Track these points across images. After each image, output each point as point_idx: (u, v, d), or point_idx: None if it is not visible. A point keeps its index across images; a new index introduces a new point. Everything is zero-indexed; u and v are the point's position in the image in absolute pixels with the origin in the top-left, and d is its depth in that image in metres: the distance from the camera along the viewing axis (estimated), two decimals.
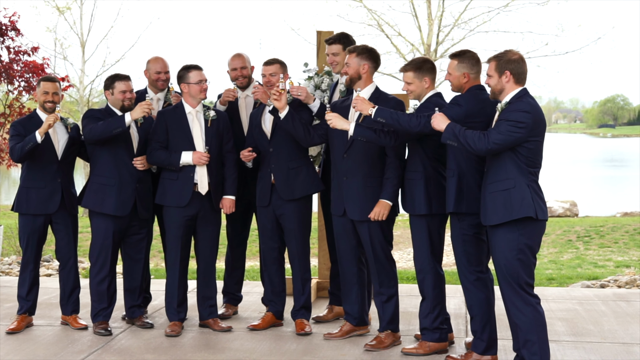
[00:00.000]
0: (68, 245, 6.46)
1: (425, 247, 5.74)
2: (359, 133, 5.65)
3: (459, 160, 5.47)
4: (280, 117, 6.05)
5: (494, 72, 5.16)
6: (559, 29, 25.84)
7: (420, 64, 5.73)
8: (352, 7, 22.44)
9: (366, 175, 5.88)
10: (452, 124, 5.19)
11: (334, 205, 6.09)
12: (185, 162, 6.18)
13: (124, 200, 6.24)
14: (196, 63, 6.37)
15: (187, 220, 6.27)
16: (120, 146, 6.25)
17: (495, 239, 5.12)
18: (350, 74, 5.95)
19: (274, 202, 6.29)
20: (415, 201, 5.70)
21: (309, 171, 6.32)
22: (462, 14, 22.39)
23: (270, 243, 6.42)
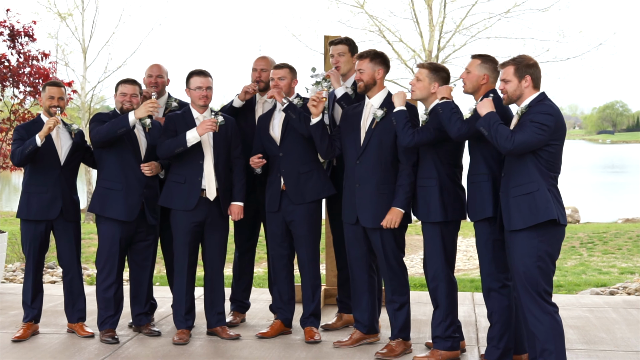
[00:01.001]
0: (70, 252, 6.39)
1: (439, 254, 5.67)
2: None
3: (490, 163, 5.41)
4: (312, 122, 5.99)
5: (512, 76, 5.09)
6: (560, 35, 25.78)
7: (439, 69, 5.70)
8: (354, 13, 22.42)
9: (379, 182, 5.81)
10: (492, 113, 5.10)
11: (346, 213, 6.02)
12: (193, 138, 6.07)
13: (131, 205, 6.18)
14: (203, 69, 6.30)
15: (194, 226, 6.20)
16: (128, 151, 6.19)
17: (515, 245, 5.06)
18: (365, 80, 5.88)
19: (284, 207, 6.22)
20: (429, 208, 5.63)
21: (320, 175, 6.25)
22: (464, 19, 22.40)
23: (280, 250, 6.35)
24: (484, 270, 5.52)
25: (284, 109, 6.13)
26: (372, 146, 5.81)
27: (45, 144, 6.15)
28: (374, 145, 5.81)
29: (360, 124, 5.90)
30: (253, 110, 6.72)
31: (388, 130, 5.78)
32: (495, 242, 5.42)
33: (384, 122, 5.80)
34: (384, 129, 5.79)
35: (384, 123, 5.80)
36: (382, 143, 5.80)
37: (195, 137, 6.09)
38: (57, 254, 6.48)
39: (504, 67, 5.14)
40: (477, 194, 5.48)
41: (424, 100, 5.72)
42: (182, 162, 6.19)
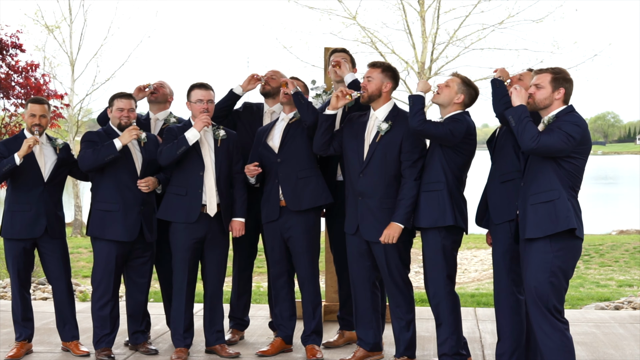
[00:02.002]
0: (59, 270, 6.20)
1: (440, 268, 5.53)
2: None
3: (518, 165, 5.29)
4: (325, 112, 5.83)
5: (547, 84, 5.00)
6: (554, 46, 25.74)
7: (471, 84, 5.61)
8: (346, 24, 22.29)
9: (382, 197, 5.66)
10: (524, 107, 4.97)
11: (348, 224, 5.87)
12: (192, 136, 5.92)
13: (130, 225, 6.01)
14: (204, 82, 6.17)
15: (194, 242, 6.03)
16: (123, 170, 6.03)
17: (529, 257, 4.93)
18: (370, 89, 5.74)
19: (283, 217, 6.04)
20: (438, 212, 5.48)
21: (319, 182, 6.09)
22: (457, 31, 22.32)
23: (279, 268, 6.19)
24: (498, 284, 5.40)
25: (293, 93, 5.97)
26: (375, 160, 5.67)
27: (27, 160, 5.99)
28: (377, 159, 5.67)
29: (364, 136, 5.76)
30: (260, 121, 6.58)
31: (393, 145, 5.64)
32: (514, 252, 5.28)
33: (388, 135, 5.66)
34: (389, 143, 5.65)
35: (389, 137, 5.66)
36: (386, 157, 5.66)
37: (194, 134, 5.94)
38: (45, 273, 6.29)
39: (540, 73, 5.05)
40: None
41: (444, 107, 5.61)
42: (183, 174, 6.03)
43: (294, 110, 6.14)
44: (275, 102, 6.59)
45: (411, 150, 5.62)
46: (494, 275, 5.48)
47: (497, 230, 5.41)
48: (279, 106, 6.56)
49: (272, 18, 50.26)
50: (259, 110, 6.64)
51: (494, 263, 5.45)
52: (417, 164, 5.61)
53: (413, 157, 5.61)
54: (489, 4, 22.11)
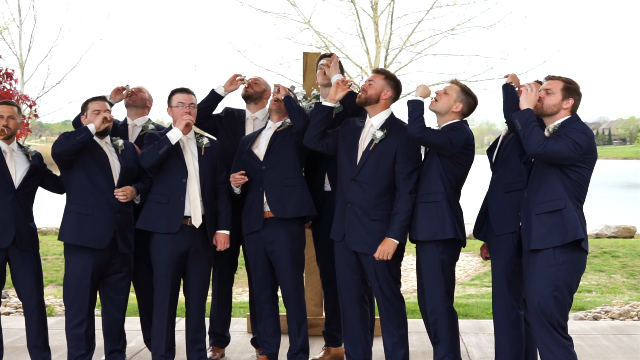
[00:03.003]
0: (31, 285, 5.81)
1: (439, 284, 5.33)
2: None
3: (523, 175, 5.14)
4: (322, 102, 5.61)
5: (559, 91, 4.88)
6: (504, 52, 25.89)
7: (470, 93, 5.43)
8: (300, 29, 22.15)
9: (373, 207, 5.44)
10: (532, 112, 4.80)
11: (335, 229, 5.64)
12: (175, 135, 5.64)
13: (102, 232, 5.65)
14: (185, 86, 5.89)
15: (177, 257, 5.73)
16: (99, 175, 5.69)
17: (533, 270, 4.77)
18: (369, 93, 5.52)
19: (266, 229, 5.79)
20: (437, 225, 5.28)
21: (304, 192, 5.85)
22: (410, 36, 22.33)
23: (262, 282, 5.93)
24: (498, 297, 5.25)
25: (285, 97, 5.75)
26: (368, 168, 5.45)
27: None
28: (370, 167, 5.45)
29: (358, 142, 5.55)
30: (242, 127, 6.33)
31: (387, 154, 5.43)
32: (516, 266, 5.14)
33: (382, 144, 5.45)
34: (383, 152, 5.44)
35: (383, 145, 5.45)
36: (379, 166, 5.44)
37: (177, 133, 5.67)
38: (15, 288, 5.91)
39: (552, 79, 4.93)
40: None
41: (441, 115, 5.42)
42: (164, 181, 5.74)
43: (282, 119, 5.91)
44: (258, 108, 6.35)
45: (405, 161, 5.42)
46: (493, 289, 5.31)
47: (499, 243, 5.24)
48: (262, 112, 6.32)
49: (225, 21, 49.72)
50: (241, 116, 6.39)
51: (494, 276, 5.28)
52: (412, 176, 5.41)
53: (407, 169, 5.41)
54: (440, 10, 22.25)
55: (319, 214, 5.97)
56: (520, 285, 5.19)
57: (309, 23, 21.95)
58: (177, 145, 5.72)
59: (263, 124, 6.26)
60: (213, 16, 56.66)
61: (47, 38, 31.37)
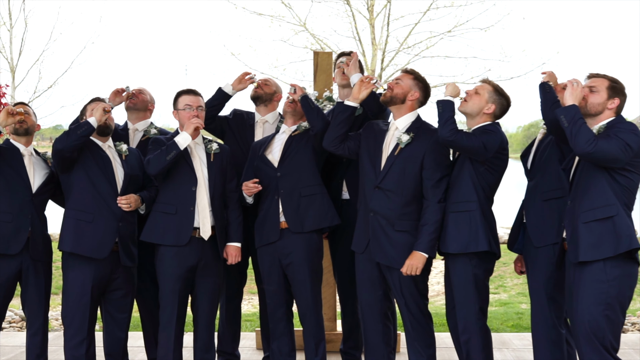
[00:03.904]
0: (38, 302, 5.38)
1: (472, 300, 4.92)
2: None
3: (564, 182, 4.76)
4: (345, 102, 5.20)
5: (605, 90, 4.52)
6: (502, 54, 25.58)
7: (503, 94, 5.02)
8: (295, 31, 21.81)
9: (398, 217, 5.03)
10: (577, 108, 4.41)
11: (357, 240, 5.23)
12: (183, 140, 5.24)
13: (102, 240, 5.23)
14: (192, 88, 5.48)
15: (186, 271, 5.31)
16: (102, 181, 5.28)
17: (581, 286, 4.38)
18: (395, 91, 5.11)
19: (282, 240, 5.39)
20: (469, 236, 4.87)
21: (324, 201, 5.44)
22: (407, 38, 22.03)
23: (276, 298, 5.51)
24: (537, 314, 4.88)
25: (302, 97, 5.37)
26: (393, 174, 5.04)
27: (15, 167, 5.32)
28: (395, 173, 5.04)
29: (382, 146, 5.15)
30: (251, 130, 5.93)
31: (413, 159, 5.03)
32: (557, 280, 4.76)
33: (409, 149, 5.04)
34: (409, 157, 5.03)
35: (409, 150, 5.04)
36: (405, 173, 5.03)
37: (185, 138, 5.26)
38: (22, 301, 5.48)
39: (597, 77, 4.57)
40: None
41: (472, 117, 5.02)
42: (172, 189, 5.33)
43: (297, 123, 5.51)
44: (268, 111, 5.95)
45: (434, 167, 5.02)
46: (532, 306, 4.92)
47: (538, 255, 4.85)
48: (272, 115, 5.93)
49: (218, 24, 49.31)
50: (250, 119, 5.99)
51: (533, 292, 4.89)
52: (441, 183, 5.00)
53: (436, 176, 5.00)
54: (437, 12, 21.97)
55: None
56: (561, 301, 4.81)
57: (304, 25, 21.63)
58: (185, 151, 5.31)
59: (273, 128, 5.87)
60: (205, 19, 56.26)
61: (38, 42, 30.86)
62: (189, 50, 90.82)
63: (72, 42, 35.72)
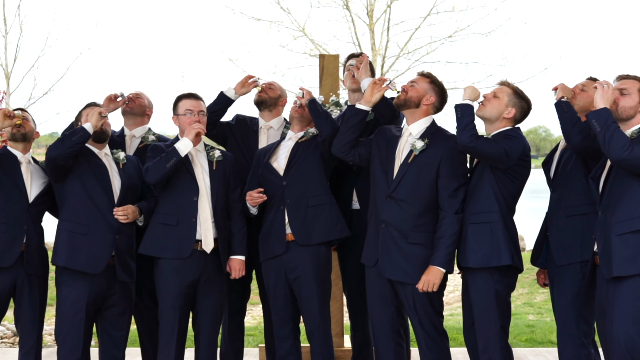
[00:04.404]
0: (32, 319, 5.08)
1: (493, 318, 4.61)
2: None
3: (590, 196, 4.47)
4: (357, 105, 4.89)
5: (637, 93, 4.25)
6: (504, 59, 25.38)
7: (523, 96, 4.72)
8: (295, 37, 21.61)
9: (412, 228, 4.72)
10: (609, 110, 4.13)
11: (367, 253, 4.93)
12: (184, 146, 4.95)
13: (98, 254, 4.94)
14: (192, 92, 5.19)
15: (187, 287, 5.01)
16: (98, 191, 4.99)
17: (615, 304, 4.08)
18: (410, 94, 4.81)
19: (288, 253, 5.10)
20: (490, 249, 4.57)
21: (333, 211, 5.15)
22: (407, 43, 21.86)
23: (282, 314, 5.20)
24: (563, 332, 4.58)
25: (309, 102, 5.09)
26: (406, 183, 4.74)
27: (12, 174, 5.05)
28: (409, 182, 4.74)
29: (395, 153, 4.85)
30: (255, 137, 5.64)
31: (429, 167, 4.72)
32: (585, 295, 4.50)
33: (423, 156, 4.74)
34: (424, 165, 4.73)
35: (424, 157, 4.74)
36: (420, 181, 4.73)
37: (186, 144, 4.97)
38: (15, 318, 5.18)
39: (628, 79, 4.29)
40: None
41: (490, 122, 4.72)
42: (173, 199, 5.04)
43: (304, 129, 5.22)
44: (272, 116, 5.66)
45: (451, 175, 4.72)
46: (558, 325, 4.62)
47: (564, 272, 4.56)
48: (277, 121, 5.63)
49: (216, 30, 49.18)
50: (253, 124, 5.70)
51: (558, 310, 4.60)
52: (459, 193, 4.70)
53: (453, 185, 4.70)
54: (438, 17, 21.84)
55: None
56: (590, 319, 4.52)
57: (303, 30, 21.49)
58: (186, 158, 5.02)
59: (278, 134, 5.58)
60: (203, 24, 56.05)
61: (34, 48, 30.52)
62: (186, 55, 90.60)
63: (68, 47, 35.37)
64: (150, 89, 50.30)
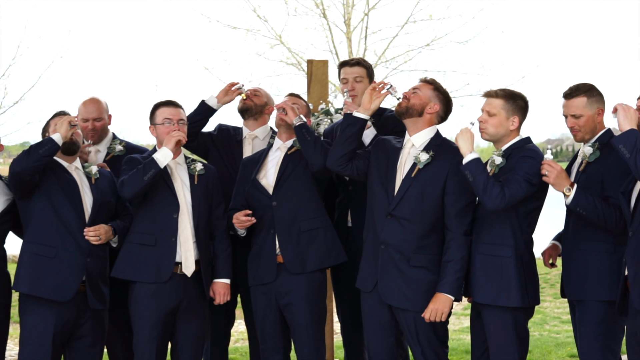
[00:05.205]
0: None
1: (510, 350, 4.20)
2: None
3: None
4: (354, 113, 4.43)
5: None
6: (481, 67, 25.24)
7: (514, 95, 4.28)
8: (271, 45, 21.28)
9: (415, 250, 4.29)
10: (637, 131, 3.77)
11: (363, 277, 4.49)
12: (163, 157, 4.51)
13: (66, 279, 4.49)
14: (171, 99, 4.75)
15: (165, 315, 4.56)
16: (67, 209, 4.54)
17: None
18: (412, 102, 4.37)
19: (280, 279, 4.66)
20: (501, 287, 4.16)
21: (328, 235, 4.72)
22: (385, 51, 21.64)
23: (272, 342, 4.75)
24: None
25: (297, 126, 4.63)
26: (409, 200, 4.30)
27: None
28: (412, 198, 4.30)
29: (396, 166, 4.41)
30: (239, 148, 5.22)
31: (434, 182, 4.29)
32: (615, 327, 4.13)
33: (428, 169, 4.30)
34: (428, 180, 4.29)
35: (429, 171, 4.30)
36: (424, 198, 4.29)
37: (165, 154, 4.53)
38: None
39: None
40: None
41: (499, 140, 4.31)
42: (150, 217, 4.61)
43: (293, 137, 4.80)
44: (257, 125, 5.24)
45: (459, 192, 4.27)
46: (580, 356, 4.22)
47: (586, 307, 4.20)
48: (263, 130, 5.21)
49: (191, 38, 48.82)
50: (237, 134, 5.28)
51: (582, 339, 4.23)
52: (467, 211, 4.27)
53: (461, 203, 4.26)
54: (415, 26, 21.66)
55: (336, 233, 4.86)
56: (616, 346, 4.16)
57: (279, 39, 21.15)
58: (165, 172, 4.57)
59: (264, 143, 5.14)
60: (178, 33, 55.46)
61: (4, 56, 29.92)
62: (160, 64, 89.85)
63: (40, 56, 34.72)
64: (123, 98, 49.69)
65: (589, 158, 4.25)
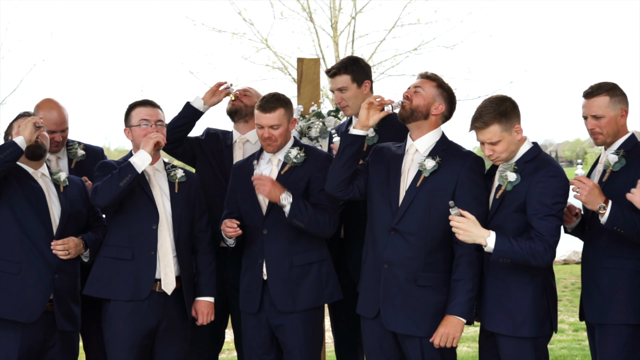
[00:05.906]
0: None
1: None
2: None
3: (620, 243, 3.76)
4: (350, 130, 3.98)
5: None
6: (469, 72, 25.11)
7: (503, 101, 3.86)
8: (257, 49, 21.03)
9: (420, 268, 3.86)
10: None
11: (364, 303, 4.06)
12: (140, 161, 4.10)
13: (31, 298, 4.08)
14: (148, 98, 4.35)
15: (143, 337, 4.14)
16: (31, 220, 4.13)
17: None
18: (416, 102, 3.92)
19: (267, 308, 4.25)
20: (511, 317, 3.76)
21: (323, 270, 4.29)
22: (372, 56, 21.43)
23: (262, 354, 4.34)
24: None
25: (289, 217, 4.13)
26: (414, 212, 3.87)
27: None
28: (417, 211, 3.87)
29: (399, 176, 3.97)
30: (229, 153, 4.82)
31: (441, 192, 3.85)
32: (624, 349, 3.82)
33: (435, 178, 3.87)
34: (436, 189, 3.86)
35: (436, 179, 3.87)
36: (431, 210, 3.86)
37: (143, 158, 4.12)
38: None
39: None
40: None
41: (512, 157, 3.88)
42: (127, 228, 4.21)
43: (253, 129, 4.46)
44: (249, 128, 4.84)
45: (470, 202, 3.82)
46: None
47: (607, 331, 3.87)
48: (254, 133, 4.76)
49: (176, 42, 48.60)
50: (227, 139, 4.88)
51: None
52: None
53: (472, 214, 3.74)
54: (402, 30, 21.52)
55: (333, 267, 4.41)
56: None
57: (265, 42, 20.93)
58: (142, 179, 4.15)
59: (256, 148, 4.71)
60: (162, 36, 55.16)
61: None
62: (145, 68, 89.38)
63: (22, 59, 34.33)
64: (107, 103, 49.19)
65: (614, 167, 3.86)
